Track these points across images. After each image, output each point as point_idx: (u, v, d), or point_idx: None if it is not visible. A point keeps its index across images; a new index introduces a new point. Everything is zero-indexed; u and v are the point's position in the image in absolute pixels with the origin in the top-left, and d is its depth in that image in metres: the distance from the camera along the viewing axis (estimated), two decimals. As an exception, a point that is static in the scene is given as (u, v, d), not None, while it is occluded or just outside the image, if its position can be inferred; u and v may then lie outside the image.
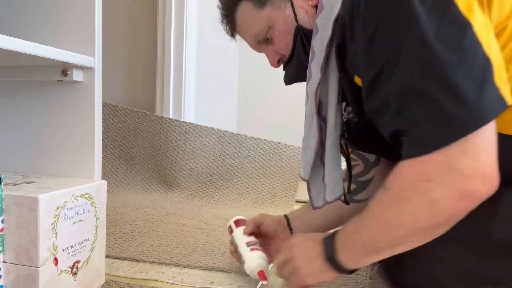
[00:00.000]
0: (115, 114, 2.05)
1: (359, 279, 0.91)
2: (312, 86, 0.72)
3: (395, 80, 0.56)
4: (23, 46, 0.59)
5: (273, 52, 0.81)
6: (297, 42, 0.76)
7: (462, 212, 0.54)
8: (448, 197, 0.53)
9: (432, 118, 0.53)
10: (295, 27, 0.75)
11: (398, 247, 0.61)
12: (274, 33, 0.78)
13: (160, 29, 2.06)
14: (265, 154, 1.86)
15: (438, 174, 0.53)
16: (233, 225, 0.95)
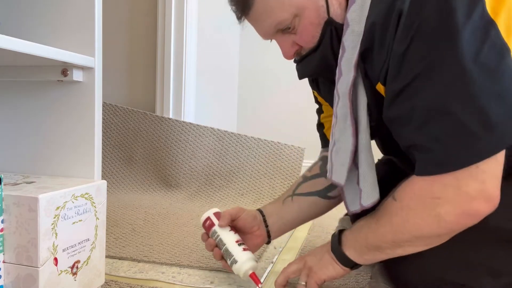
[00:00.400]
0: (115, 114, 2.05)
1: (359, 279, 0.91)
2: (343, 85, 0.68)
3: (425, 95, 0.57)
4: (23, 46, 0.59)
5: (290, 43, 0.73)
6: (326, 35, 0.70)
7: (464, 227, 0.60)
8: (452, 214, 0.58)
9: (457, 139, 0.56)
10: (326, 19, 0.69)
11: (400, 249, 0.67)
12: (300, 22, 0.70)
13: (160, 29, 2.06)
14: (265, 154, 1.86)
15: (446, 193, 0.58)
16: (214, 219, 0.87)
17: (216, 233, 0.85)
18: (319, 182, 0.92)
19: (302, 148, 1.86)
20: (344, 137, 0.70)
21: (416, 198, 0.62)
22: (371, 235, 0.69)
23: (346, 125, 0.69)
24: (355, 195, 0.72)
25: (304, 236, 1.25)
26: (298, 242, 1.20)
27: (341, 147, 0.71)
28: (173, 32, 2.02)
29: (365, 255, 0.71)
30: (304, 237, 1.24)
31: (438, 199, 0.59)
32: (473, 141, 0.55)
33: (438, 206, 0.59)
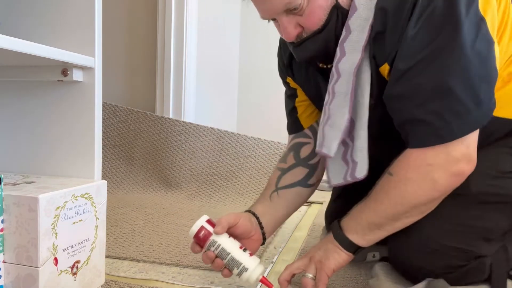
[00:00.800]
0: (115, 114, 2.05)
1: (359, 280, 0.91)
2: (346, 64, 0.72)
3: (429, 74, 0.65)
4: (23, 46, 0.59)
5: (294, 24, 0.74)
6: (332, 20, 0.73)
7: (453, 187, 0.69)
8: (444, 177, 0.67)
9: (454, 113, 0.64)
10: (334, 4, 0.72)
11: (398, 222, 0.72)
12: (308, 4, 0.71)
13: (160, 29, 2.06)
14: (265, 154, 1.86)
15: (438, 159, 0.66)
16: (209, 227, 0.77)
17: (216, 242, 0.76)
18: (298, 172, 0.94)
19: (302, 148, 1.86)
20: (340, 112, 0.74)
21: (412, 168, 0.69)
22: (371, 214, 0.73)
23: (344, 101, 0.73)
24: (340, 169, 0.78)
25: (304, 236, 1.25)
26: (298, 242, 1.20)
27: (335, 121, 0.75)
28: (173, 32, 2.02)
29: (366, 235, 0.74)
30: (304, 237, 1.24)
31: (431, 165, 0.67)
32: (467, 115, 0.64)
33: (431, 172, 0.67)
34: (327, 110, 0.76)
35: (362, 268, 0.96)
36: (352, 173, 0.75)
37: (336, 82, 0.74)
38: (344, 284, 0.88)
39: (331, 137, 0.75)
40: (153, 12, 2.15)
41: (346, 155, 0.76)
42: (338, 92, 0.74)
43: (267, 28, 0.92)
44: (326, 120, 0.76)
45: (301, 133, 0.97)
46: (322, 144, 0.77)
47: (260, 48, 2.53)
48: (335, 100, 0.75)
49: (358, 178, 0.74)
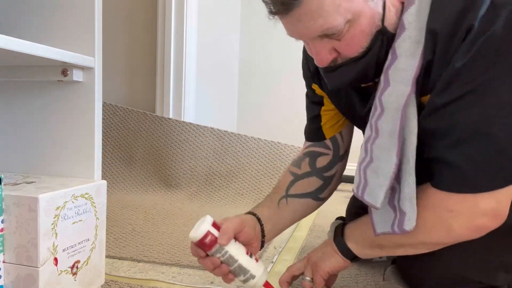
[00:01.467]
0: (115, 114, 2.05)
1: (358, 280, 0.91)
2: (391, 97, 0.62)
3: (470, 113, 0.57)
4: (23, 46, 0.59)
5: (329, 49, 0.64)
6: (375, 46, 0.63)
7: (469, 239, 0.63)
8: (464, 227, 0.61)
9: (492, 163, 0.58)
10: (379, 28, 0.62)
11: (401, 249, 0.69)
12: (349, 29, 0.61)
13: (160, 29, 2.06)
14: (265, 154, 1.86)
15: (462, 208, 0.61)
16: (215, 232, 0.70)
17: (223, 249, 0.70)
18: (310, 182, 0.88)
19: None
20: (387, 156, 0.63)
21: (430, 209, 0.63)
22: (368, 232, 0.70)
23: (390, 143, 0.63)
24: (387, 216, 0.66)
25: (304, 236, 1.25)
26: (298, 242, 1.20)
27: (380, 166, 0.64)
28: (173, 32, 2.02)
29: (365, 249, 0.73)
30: (304, 237, 1.24)
31: (452, 212, 0.61)
32: (504, 168, 0.58)
33: (450, 219, 0.61)
34: (369, 150, 0.66)
35: (362, 268, 0.96)
36: (400, 224, 0.64)
37: (380, 117, 0.64)
38: (344, 284, 0.88)
39: (376, 184, 0.65)
40: (153, 12, 2.15)
41: (394, 200, 0.65)
42: (383, 131, 0.63)
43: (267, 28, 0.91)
44: (368, 162, 0.67)
45: (321, 143, 0.90)
46: (363, 189, 0.67)
47: (260, 48, 2.53)
48: (379, 139, 0.64)
49: (406, 230, 0.63)
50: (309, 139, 0.93)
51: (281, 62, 2.47)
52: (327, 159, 0.89)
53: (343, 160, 0.90)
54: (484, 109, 0.57)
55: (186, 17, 2.01)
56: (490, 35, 0.55)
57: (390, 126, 0.62)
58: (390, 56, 0.62)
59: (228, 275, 0.72)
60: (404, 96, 0.61)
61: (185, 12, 2.00)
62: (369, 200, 0.66)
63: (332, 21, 0.59)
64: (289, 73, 2.43)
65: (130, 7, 2.24)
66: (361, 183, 0.68)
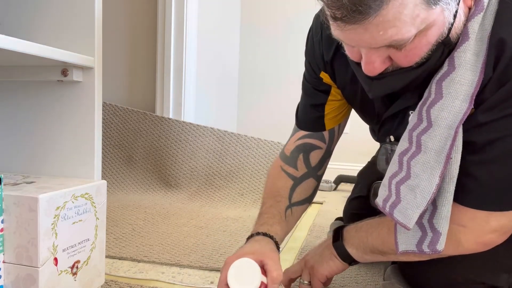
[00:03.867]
0: (115, 114, 2.05)
1: (358, 280, 0.91)
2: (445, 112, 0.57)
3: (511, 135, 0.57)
4: (23, 46, 0.59)
5: (384, 58, 0.57)
6: (433, 57, 0.57)
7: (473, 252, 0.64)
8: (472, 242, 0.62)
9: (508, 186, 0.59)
10: (443, 39, 0.55)
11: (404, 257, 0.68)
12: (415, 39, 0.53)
13: (160, 29, 2.06)
14: (265, 154, 1.86)
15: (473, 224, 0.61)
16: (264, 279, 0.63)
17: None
18: (309, 185, 0.86)
19: (302, 148, 1.86)
20: (429, 175, 0.58)
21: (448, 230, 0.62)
22: (379, 241, 0.70)
23: (436, 161, 0.58)
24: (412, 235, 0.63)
25: (304, 236, 1.25)
26: (298, 242, 1.19)
27: (420, 185, 0.59)
28: (173, 32, 2.02)
29: (366, 255, 0.72)
30: (304, 237, 1.24)
31: (463, 227, 0.61)
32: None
33: (460, 233, 0.62)
34: (405, 165, 0.61)
35: (362, 268, 0.96)
36: (432, 244, 0.61)
37: (425, 132, 0.59)
38: (344, 284, 0.88)
39: (411, 204, 0.60)
40: (153, 12, 2.15)
41: (422, 219, 0.62)
42: (428, 147, 0.58)
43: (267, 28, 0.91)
44: (403, 178, 0.61)
45: (318, 134, 0.85)
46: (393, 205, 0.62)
47: (260, 48, 2.53)
48: (421, 156, 0.59)
49: (438, 250, 0.60)
50: (305, 128, 0.86)
51: (281, 62, 2.47)
52: (319, 154, 0.85)
53: (329, 157, 0.88)
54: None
55: (186, 17, 2.01)
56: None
57: (438, 144, 0.57)
58: (446, 66, 0.57)
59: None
60: (460, 114, 0.56)
61: (185, 12, 2.00)
62: (400, 219, 0.61)
63: (405, 32, 0.51)
64: (289, 73, 2.43)
65: (130, 7, 2.24)
66: (390, 198, 0.63)
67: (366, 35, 0.52)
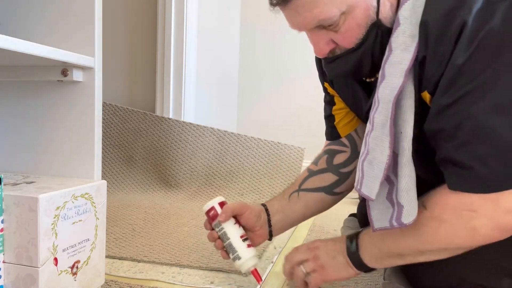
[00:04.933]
0: (115, 114, 2.05)
1: (358, 280, 0.91)
2: (387, 89, 0.63)
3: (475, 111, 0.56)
4: (23, 46, 0.59)
5: (327, 40, 0.67)
6: (369, 38, 0.65)
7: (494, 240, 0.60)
8: (488, 228, 0.58)
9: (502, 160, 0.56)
10: (374, 21, 0.64)
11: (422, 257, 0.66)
12: (345, 21, 0.64)
13: (160, 29, 2.06)
14: (265, 154, 1.86)
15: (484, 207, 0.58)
16: (219, 209, 0.83)
17: (220, 225, 0.82)
18: (325, 177, 0.90)
19: (302, 148, 1.86)
20: (380, 147, 0.64)
21: (450, 210, 0.61)
22: (394, 244, 0.67)
23: (383, 134, 0.63)
24: (385, 211, 0.66)
25: (304, 236, 1.25)
26: (298, 242, 1.20)
27: (375, 157, 0.65)
28: (173, 32, 2.02)
29: (384, 261, 0.70)
30: (304, 237, 1.24)
31: (474, 211, 0.59)
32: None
33: (473, 219, 0.59)
34: (367, 143, 0.67)
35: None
36: (398, 217, 0.63)
37: (376, 111, 0.65)
38: (344, 284, 0.88)
39: (371, 176, 0.66)
40: (153, 12, 2.15)
41: (392, 194, 0.65)
42: (377, 123, 0.64)
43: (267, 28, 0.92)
44: (365, 155, 0.67)
45: (337, 141, 0.92)
46: (361, 182, 0.68)
47: (260, 48, 2.53)
48: (374, 132, 0.65)
49: (404, 224, 0.62)
50: (327, 138, 0.95)
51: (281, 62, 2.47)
52: (345, 156, 0.90)
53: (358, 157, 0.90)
54: (486, 106, 0.56)
55: (186, 17, 2.01)
56: (489, 29, 0.54)
57: (382, 118, 0.63)
58: (387, 51, 0.63)
59: (223, 252, 0.82)
60: (396, 88, 0.61)
61: (185, 12, 2.00)
62: (365, 192, 0.66)
63: (327, 11, 0.62)
64: (289, 73, 2.43)
65: (130, 7, 2.24)
66: (359, 176, 0.69)
67: (298, 17, 0.65)
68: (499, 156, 0.56)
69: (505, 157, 0.56)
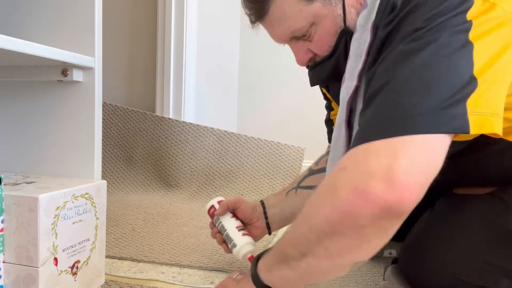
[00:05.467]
0: (115, 114, 2.05)
1: (358, 280, 0.91)
2: (344, 92, 0.65)
3: (375, 79, 0.54)
4: (23, 46, 0.59)
5: (305, 50, 0.72)
6: (340, 45, 0.69)
7: (353, 213, 0.46)
8: (346, 187, 0.47)
9: (381, 112, 0.50)
10: (342, 28, 0.68)
11: (303, 259, 0.53)
12: (316, 31, 0.69)
13: (160, 29, 2.06)
14: (265, 154, 1.86)
15: (351, 163, 0.49)
16: (217, 206, 0.93)
17: (219, 219, 0.91)
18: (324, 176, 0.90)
19: (302, 148, 1.86)
20: (337, 145, 0.66)
21: (331, 173, 0.52)
22: (283, 238, 0.59)
23: (340, 133, 0.65)
24: None
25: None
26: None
27: (335, 155, 0.67)
28: (173, 32, 2.02)
29: (274, 268, 0.58)
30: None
31: (343, 169, 0.49)
32: (398, 115, 0.48)
33: (339, 177, 0.49)
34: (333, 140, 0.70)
35: (362, 268, 0.96)
36: None
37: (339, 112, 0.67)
38: (344, 284, 0.88)
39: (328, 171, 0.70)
40: (153, 12, 2.15)
41: None
42: (337, 124, 0.67)
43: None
44: (330, 151, 0.70)
45: None
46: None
47: (260, 48, 2.53)
48: (334, 131, 0.68)
49: None
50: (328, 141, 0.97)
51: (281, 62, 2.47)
52: None
53: None
54: (390, 72, 0.52)
55: (186, 17, 2.01)
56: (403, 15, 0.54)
57: (340, 118, 0.66)
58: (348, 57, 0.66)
59: (224, 245, 0.89)
60: (350, 90, 0.63)
61: (185, 12, 2.00)
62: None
63: (296, 24, 0.68)
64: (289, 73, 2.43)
65: (130, 7, 2.24)
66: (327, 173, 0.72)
67: (276, 31, 0.72)
68: (383, 109, 0.50)
69: (387, 110, 0.49)
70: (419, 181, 0.45)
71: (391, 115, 0.48)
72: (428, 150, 0.46)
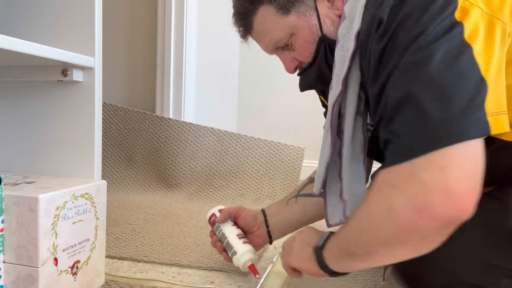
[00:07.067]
0: (115, 114, 2.05)
1: (358, 279, 0.91)
2: (331, 98, 0.69)
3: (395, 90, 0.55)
4: (23, 46, 0.59)
5: (290, 58, 0.79)
6: (320, 52, 0.74)
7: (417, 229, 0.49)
8: (404, 207, 0.49)
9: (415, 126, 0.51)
10: (320, 36, 0.73)
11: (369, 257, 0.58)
12: (296, 40, 0.75)
13: (160, 29, 2.06)
14: (265, 154, 1.86)
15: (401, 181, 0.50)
16: (218, 215, 0.93)
17: (219, 227, 0.91)
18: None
19: (302, 148, 1.86)
20: (324, 148, 0.72)
21: (375, 189, 0.55)
22: (343, 236, 0.63)
23: (327, 136, 0.71)
24: (337, 208, 0.72)
25: (304, 236, 1.25)
26: (298, 242, 1.19)
27: (322, 157, 0.73)
28: (173, 32, 2.02)
29: (341, 260, 0.64)
30: (304, 237, 1.24)
31: (395, 188, 0.51)
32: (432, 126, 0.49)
33: (391, 196, 0.51)
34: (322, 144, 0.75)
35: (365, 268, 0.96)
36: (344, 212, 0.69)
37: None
38: (344, 284, 0.88)
39: (318, 173, 0.74)
40: (153, 12, 2.15)
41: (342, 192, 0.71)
42: (325, 128, 0.73)
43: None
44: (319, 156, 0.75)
45: None
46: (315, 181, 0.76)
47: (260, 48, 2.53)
48: (323, 134, 0.74)
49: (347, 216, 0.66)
50: None
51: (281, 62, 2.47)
52: None
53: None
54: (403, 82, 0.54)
55: (186, 17, 2.01)
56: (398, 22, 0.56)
57: (327, 122, 0.72)
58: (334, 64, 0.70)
59: (224, 253, 0.89)
60: (335, 95, 0.68)
61: (185, 12, 2.00)
62: (314, 190, 0.75)
63: (276, 35, 0.75)
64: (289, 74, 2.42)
65: (130, 7, 2.24)
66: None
67: (262, 43, 0.80)
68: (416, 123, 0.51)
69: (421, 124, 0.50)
70: (473, 185, 0.48)
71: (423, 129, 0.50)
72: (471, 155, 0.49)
